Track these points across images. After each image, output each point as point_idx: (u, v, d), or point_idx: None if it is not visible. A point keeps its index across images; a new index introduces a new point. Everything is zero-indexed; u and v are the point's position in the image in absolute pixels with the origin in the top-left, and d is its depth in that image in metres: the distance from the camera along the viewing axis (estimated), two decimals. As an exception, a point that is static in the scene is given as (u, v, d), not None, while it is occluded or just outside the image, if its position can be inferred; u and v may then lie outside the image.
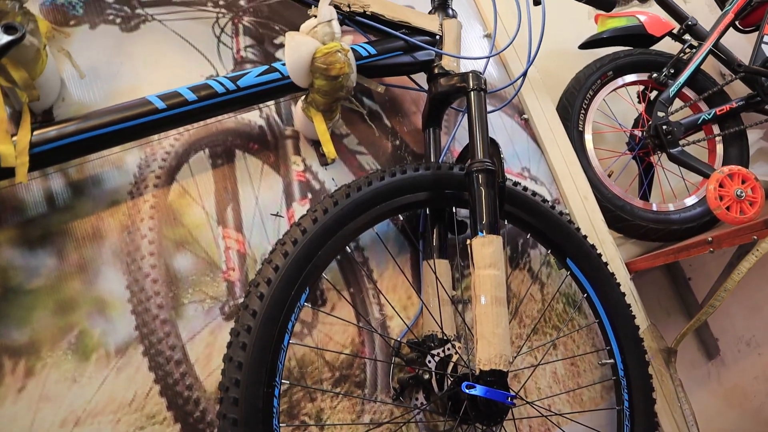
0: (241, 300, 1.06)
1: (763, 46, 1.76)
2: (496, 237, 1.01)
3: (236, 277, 1.09)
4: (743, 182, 1.43)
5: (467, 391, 0.95)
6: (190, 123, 1.03)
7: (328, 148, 1.09)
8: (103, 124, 0.95)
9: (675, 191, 1.78)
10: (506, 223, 1.24)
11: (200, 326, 1.04)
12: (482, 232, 1.01)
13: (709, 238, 1.31)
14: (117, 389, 0.98)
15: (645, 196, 1.72)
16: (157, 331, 1.02)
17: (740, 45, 1.97)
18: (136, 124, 0.97)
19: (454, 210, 1.20)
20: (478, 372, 0.96)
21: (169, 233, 1.07)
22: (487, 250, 1.00)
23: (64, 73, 1.09)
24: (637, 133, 1.72)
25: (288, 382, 1.03)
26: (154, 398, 0.99)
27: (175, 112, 1.00)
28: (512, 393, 0.96)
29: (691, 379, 1.79)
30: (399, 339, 1.13)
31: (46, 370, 0.95)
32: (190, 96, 1.00)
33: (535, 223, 1.21)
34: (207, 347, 1.03)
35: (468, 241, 1.02)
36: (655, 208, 1.62)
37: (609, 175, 1.63)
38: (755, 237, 1.21)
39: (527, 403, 1.16)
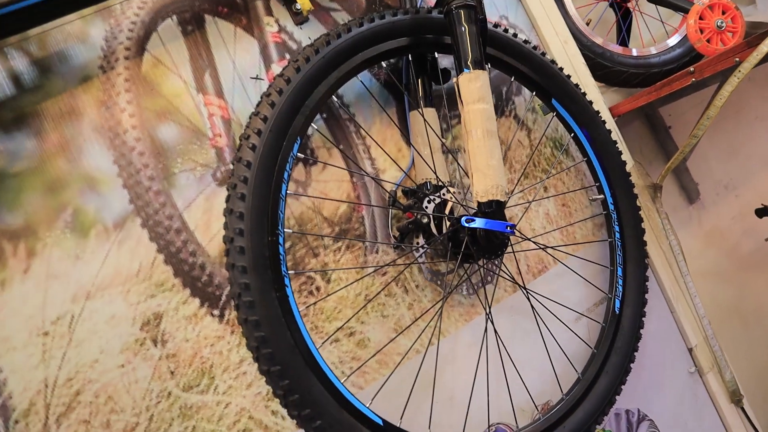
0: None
1: None
2: (483, 72, 1.00)
3: (224, 143, 1.07)
4: (723, 12, 1.41)
5: (467, 224, 0.98)
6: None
7: (302, 0, 1.05)
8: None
9: (654, 38, 1.76)
10: (490, 67, 1.22)
11: (194, 194, 1.04)
12: (468, 69, 0.99)
13: (691, 69, 1.31)
14: (121, 262, 0.98)
15: (624, 43, 1.70)
16: (152, 202, 1.01)
17: None
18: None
19: (436, 56, 1.17)
20: (475, 205, 0.98)
21: (149, 104, 1.04)
22: (474, 85, 0.99)
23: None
24: (614, -22, 1.68)
25: (291, 230, 1.05)
26: (159, 267, 1.00)
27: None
28: (511, 222, 0.99)
29: (674, 222, 1.85)
30: (396, 185, 1.14)
31: (47, 249, 0.95)
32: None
33: (518, 66, 1.20)
34: (204, 213, 1.03)
35: (455, 80, 1.01)
36: (635, 53, 1.61)
37: (587, 24, 1.60)
38: (737, 59, 1.21)
39: (525, 239, 1.19)
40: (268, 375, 0.84)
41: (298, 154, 0.94)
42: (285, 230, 0.90)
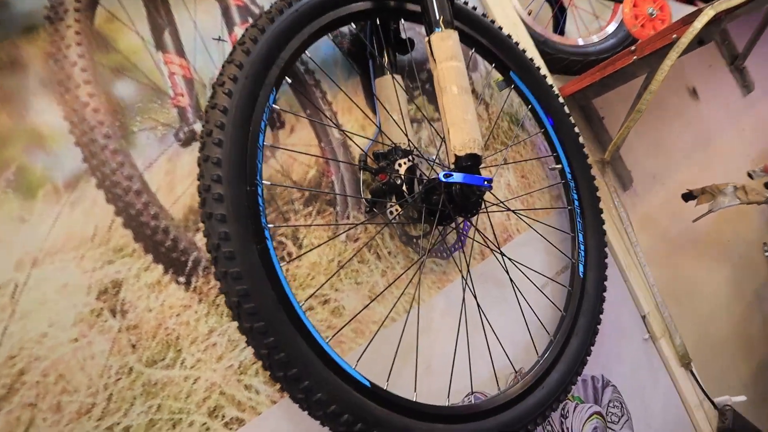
0: (199, 122, 1.00)
1: None
2: (453, 31, 1.01)
3: (186, 102, 1.01)
4: (654, 1, 1.52)
5: (445, 180, 0.97)
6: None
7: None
8: None
9: (588, 28, 1.87)
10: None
11: (156, 154, 0.96)
12: (440, 28, 1.00)
13: (633, 48, 1.40)
14: (74, 225, 0.89)
15: (561, 33, 1.79)
16: (108, 161, 0.92)
17: None
18: None
19: (400, 25, 1.17)
20: (452, 160, 0.98)
21: (104, 60, 0.96)
22: (446, 43, 0.99)
23: None
24: (551, -26, 1.77)
25: (270, 182, 0.99)
26: (118, 231, 0.91)
27: None
28: (488, 177, 0.99)
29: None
30: (372, 141, 1.12)
31: (-15, 211, 0.84)
32: None
33: (479, 38, 1.22)
34: (167, 175, 0.96)
35: (426, 39, 1.02)
36: (581, 42, 1.70)
37: (529, 14, 1.67)
38: (675, 36, 1.30)
39: (498, 202, 1.20)
40: (250, 333, 0.78)
41: (274, 105, 0.90)
42: (263, 181, 0.85)
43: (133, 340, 0.88)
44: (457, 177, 0.97)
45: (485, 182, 0.98)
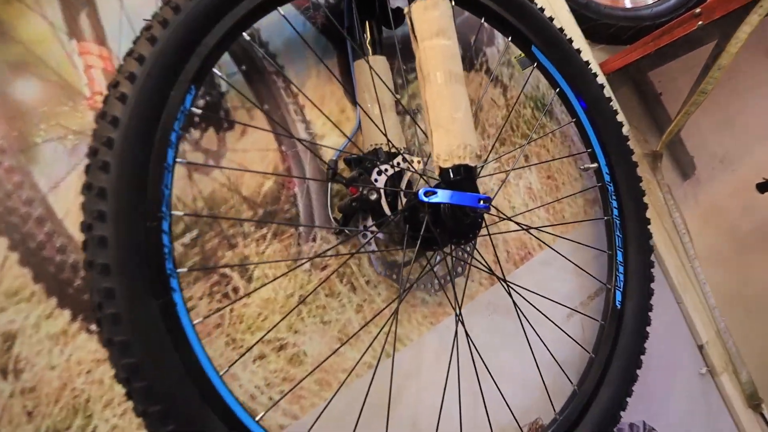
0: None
1: None
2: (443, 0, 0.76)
3: (105, 102, 0.81)
4: (727, -53, 1.19)
5: (426, 199, 0.73)
6: None
7: None
8: None
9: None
10: (454, 5, 0.98)
11: (65, 170, 0.77)
12: (424, -5, 0.75)
13: (697, 10, 1.09)
14: (-43, 264, 0.72)
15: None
16: (2, 182, 0.74)
17: None
18: None
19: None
20: (438, 171, 0.74)
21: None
22: (432, 14, 0.75)
23: None
24: None
25: (182, 213, 0.79)
26: (12, 270, 0.73)
27: None
28: (484, 195, 0.75)
29: (669, 200, 1.64)
30: (339, 151, 0.89)
31: None
32: None
33: (489, 3, 0.96)
34: (80, 196, 0.77)
35: (406, 9, 0.77)
36: (628, 4, 1.39)
37: (568, -29, 1.37)
38: (755, -8, 1.00)
39: (504, 218, 0.95)
40: (145, 418, 0.59)
41: (193, 108, 0.68)
42: (172, 213, 0.65)
43: (30, 406, 0.71)
44: (442, 195, 0.73)
45: (480, 201, 0.74)
